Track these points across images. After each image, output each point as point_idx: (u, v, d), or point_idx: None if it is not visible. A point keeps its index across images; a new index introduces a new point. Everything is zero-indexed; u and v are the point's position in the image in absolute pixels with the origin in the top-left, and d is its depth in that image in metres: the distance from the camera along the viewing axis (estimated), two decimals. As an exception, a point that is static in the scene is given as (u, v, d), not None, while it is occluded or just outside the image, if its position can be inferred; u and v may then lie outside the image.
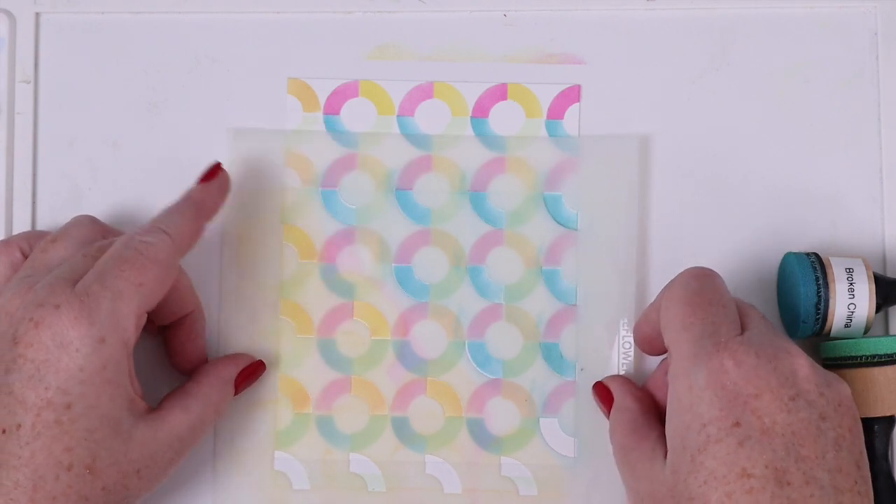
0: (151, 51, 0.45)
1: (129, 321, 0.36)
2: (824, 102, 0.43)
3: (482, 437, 0.43)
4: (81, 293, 0.35)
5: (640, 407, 0.39)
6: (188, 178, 0.41)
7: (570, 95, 0.44)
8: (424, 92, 0.44)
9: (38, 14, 0.45)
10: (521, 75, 0.44)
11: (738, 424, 0.33)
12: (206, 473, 0.43)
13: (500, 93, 0.44)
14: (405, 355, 0.43)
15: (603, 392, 0.41)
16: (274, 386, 0.43)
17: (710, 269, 0.37)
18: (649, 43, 0.44)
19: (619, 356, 0.42)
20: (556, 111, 0.44)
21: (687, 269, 0.37)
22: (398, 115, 0.44)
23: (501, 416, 0.43)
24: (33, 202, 0.44)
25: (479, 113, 0.44)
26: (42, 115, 0.45)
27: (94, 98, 0.45)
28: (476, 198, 0.44)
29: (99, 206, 0.44)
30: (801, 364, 0.34)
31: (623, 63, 0.44)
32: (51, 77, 0.45)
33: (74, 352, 0.35)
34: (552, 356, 0.43)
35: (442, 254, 0.43)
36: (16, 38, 0.45)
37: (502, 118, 0.44)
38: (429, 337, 0.43)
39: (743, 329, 0.35)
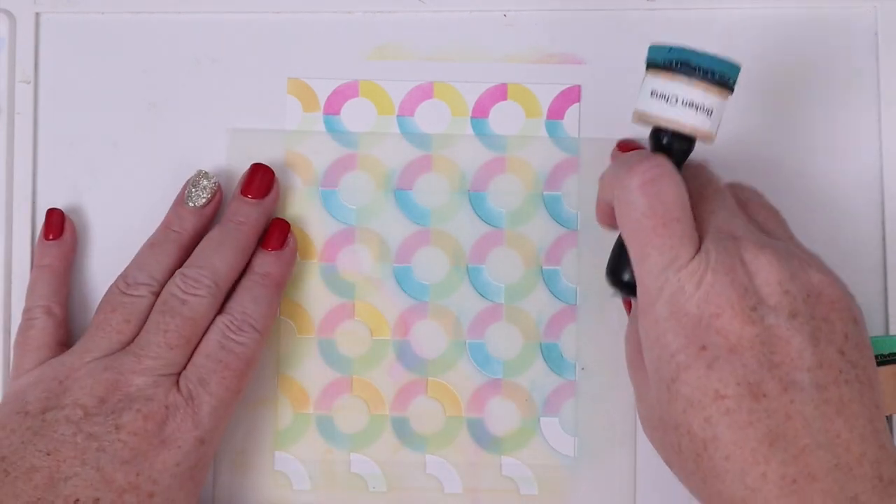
0: (151, 51, 0.45)
1: (225, 423, 0.39)
2: (824, 102, 0.43)
3: (482, 436, 0.43)
4: (187, 396, 0.38)
5: None
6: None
7: (570, 95, 0.44)
8: (424, 92, 0.44)
9: (38, 14, 0.45)
10: (521, 75, 0.44)
11: (704, 348, 0.32)
12: (206, 480, 0.43)
13: (500, 93, 0.44)
14: (405, 355, 0.43)
15: (626, 301, 0.41)
16: (274, 386, 0.43)
17: (660, 169, 0.34)
18: (649, 43, 0.44)
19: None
20: (556, 111, 0.44)
21: (632, 172, 0.34)
22: (398, 115, 0.44)
23: (502, 415, 0.43)
24: (33, 202, 0.44)
25: (479, 113, 0.44)
26: (42, 115, 0.45)
27: (94, 98, 0.45)
28: (476, 198, 0.44)
29: (99, 206, 0.44)
30: (760, 263, 0.33)
31: (623, 63, 0.44)
32: (51, 77, 0.45)
33: (176, 448, 0.37)
34: (552, 356, 0.43)
35: (442, 254, 0.43)
36: (16, 38, 0.45)
37: (502, 118, 0.44)
38: (429, 337, 0.43)
39: (701, 234, 0.34)
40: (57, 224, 0.43)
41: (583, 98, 0.44)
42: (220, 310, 0.40)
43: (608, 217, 0.37)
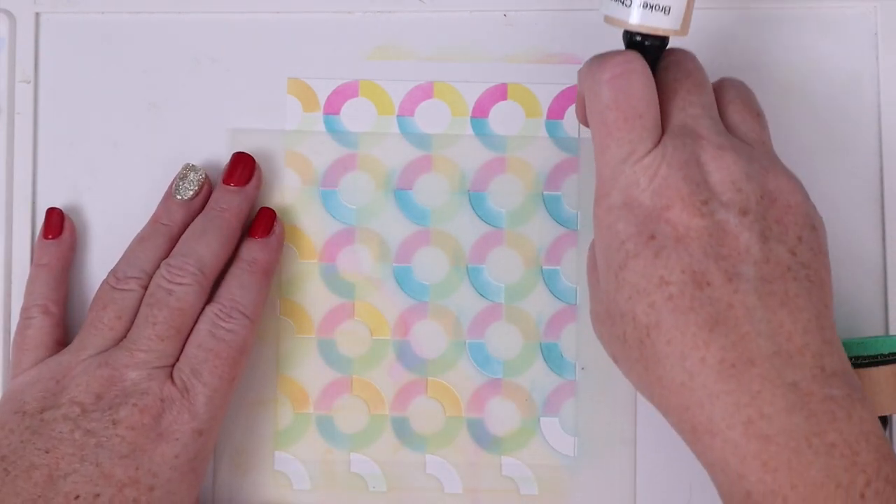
0: (151, 51, 0.45)
1: (222, 413, 0.39)
2: (824, 102, 0.43)
3: (482, 437, 0.43)
4: (182, 388, 0.38)
5: None
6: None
7: (570, 95, 0.44)
8: (424, 92, 0.44)
9: (38, 14, 0.45)
10: (521, 75, 0.44)
11: (653, 237, 0.33)
12: (205, 479, 0.43)
13: (500, 93, 0.44)
14: (405, 355, 0.43)
15: None
16: (274, 386, 0.43)
17: (629, 65, 0.34)
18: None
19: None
20: (556, 111, 0.44)
21: (602, 66, 0.34)
22: (398, 115, 0.44)
23: (502, 415, 0.43)
24: (33, 202, 0.44)
25: (479, 113, 0.44)
26: (42, 115, 0.45)
27: (94, 98, 0.45)
28: (476, 198, 0.44)
29: (99, 206, 0.44)
30: (717, 163, 0.33)
31: (623, 63, 0.44)
32: (51, 77, 0.45)
33: (175, 441, 0.37)
34: (552, 356, 0.43)
35: (442, 254, 0.43)
36: (16, 38, 0.45)
37: (502, 118, 0.44)
38: (429, 337, 0.43)
39: (665, 130, 0.34)
40: (56, 223, 0.43)
41: (583, 98, 0.44)
42: (209, 300, 0.40)
43: (584, 112, 0.37)
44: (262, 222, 0.42)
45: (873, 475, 0.30)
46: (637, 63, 0.34)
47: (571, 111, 0.44)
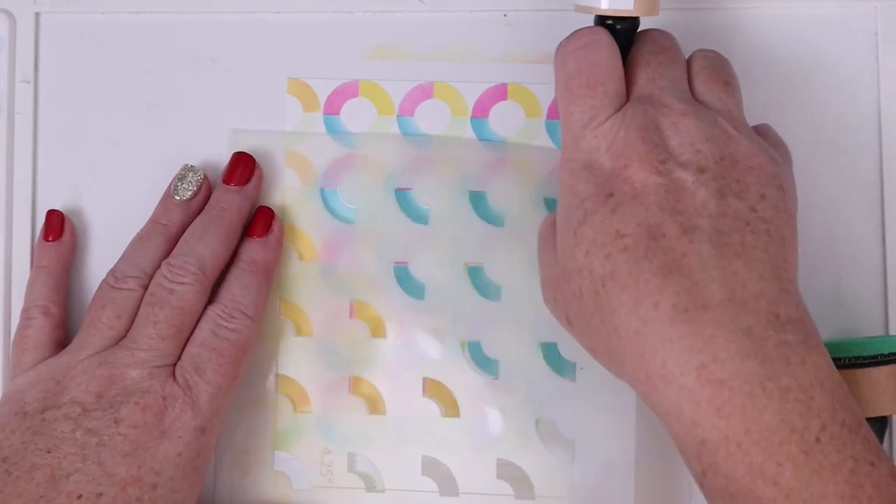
0: (151, 51, 0.45)
1: (224, 411, 0.39)
2: (824, 102, 0.43)
3: (481, 437, 0.42)
4: (185, 386, 0.38)
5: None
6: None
7: (570, 95, 0.44)
8: (424, 92, 0.44)
9: (38, 14, 0.45)
10: (521, 75, 0.44)
11: (611, 195, 0.33)
12: (206, 479, 0.43)
13: (500, 93, 0.44)
14: (404, 355, 0.43)
15: None
16: (273, 386, 0.43)
17: (594, 38, 0.36)
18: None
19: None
20: (557, 111, 0.44)
21: (569, 39, 0.36)
22: (398, 115, 0.44)
23: (500, 416, 0.43)
24: (33, 202, 0.44)
25: (479, 113, 0.44)
26: (42, 115, 0.45)
27: (94, 98, 0.45)
28: (476, 198, 0.44)
29: (99, 206, 0.44)
30: (676, 130, 0.34)
31: (623, 63, 0.44)
32: (51, 77, 0.45)
33: (177, 439, 0.37)
34: (551, 356, 0.43)
35: (441, 253, 0.43)
36: (16, 38, 0.45)
37: (502, 118, 0.44)
38: (427, 337, 0.43)
39: (629, 96, 0.36)
40: (56, 225, 0.43)
41: (583, 98, 0.44)
42: (211, 300, 0.40)
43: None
44: (260, 221, 0.42)
45: (829, 419, 0.30)
46: (601, 35, 0.36)
47: (571, 111, 0.44)
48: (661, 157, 0.33)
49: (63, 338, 0.42)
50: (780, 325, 0.31)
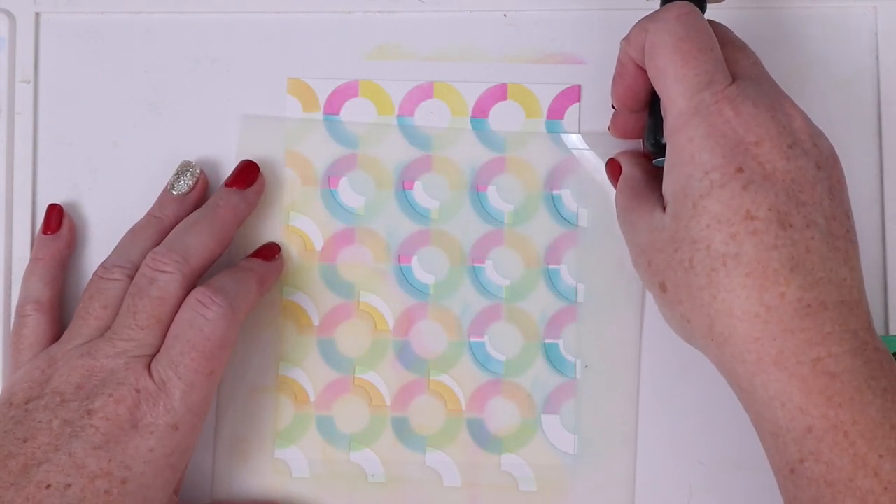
0: (151, 51, 0.45)
1: (202, 409, 0.38)
2: (824, 102, 0.43)
3: (482, 436, 0.42)
4: (158, 380, 0.37)
5: (644, 174, 0.39)
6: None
7: (570, 95, 0.44)
8: (424, 92, 0.44)
9: (38, 14, 0.45)
10: (521, 75, 0.44)
11: (741, 170, 0.33)
12: (205, 465, 0.43)
13: (500, 93, 0.44)
14: (405, 355, 0.43)
15: (614, 166, 0.41)
16: (274, 385, 0.43)
17: (693, 7, 0.36)
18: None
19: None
20: (556, 111, 0.44)
21: (667, 9, 0.36)
22: (398, 115, 0.44)
23: (502, 415, 0.43)
24: (33, 202, 0.44)
25: (479, 113, 0.44)
26: (42, 115, 0.45)
27: (94, 98, 0.45)
28: (476, 197, 0.44)
29: (99, 206, 0.44)
30: (795, 114, 0.35)
31: (623, 63, 0.44)
32: (51, 77, 0.45)
33: (149, 434, 0.36)
34: (553, 355, 0.43)
35: (442, 253, 0.43)
36: (16, 38, 0.45)
37: (502, 118, 0.44)
38: (429, 336, 0.43)
39: (733, 74, 0.35)
40: (54, 219, 0.43)
41: (583, 98, 0.44)
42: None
43: (630, 76, 0.38)
44: (266, 248, 0.43)
45: None
46: (697, 9, 0.36)
47: (571, 111, 0.44)
48: (790, 142, 0.34)
49: (58, 334, 0.41)
50: (873, 332, 0.33)
